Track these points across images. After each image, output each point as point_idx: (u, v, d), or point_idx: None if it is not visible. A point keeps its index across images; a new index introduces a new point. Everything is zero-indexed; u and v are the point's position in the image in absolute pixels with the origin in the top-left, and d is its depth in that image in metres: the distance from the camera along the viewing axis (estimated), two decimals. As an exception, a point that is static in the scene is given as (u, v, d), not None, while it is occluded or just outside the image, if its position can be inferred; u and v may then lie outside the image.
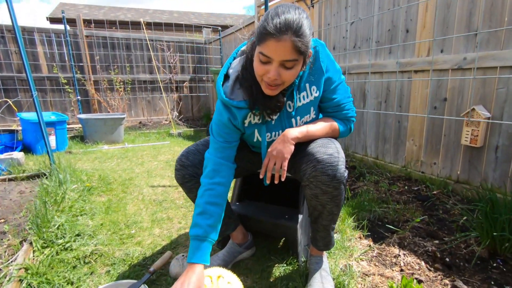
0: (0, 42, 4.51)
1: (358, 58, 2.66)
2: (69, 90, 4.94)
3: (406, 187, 2.09)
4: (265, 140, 1.01)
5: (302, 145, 0.98)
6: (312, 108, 1.02)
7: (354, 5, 2.61)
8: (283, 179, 0.93)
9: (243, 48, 1.02)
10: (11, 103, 3.44)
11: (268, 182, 0.96)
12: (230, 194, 1.62)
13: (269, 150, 0.95)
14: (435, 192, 1.96)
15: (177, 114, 5.76)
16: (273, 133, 1.02)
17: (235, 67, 0.99)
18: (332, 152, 0.90)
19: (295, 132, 0.95)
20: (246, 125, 1.00)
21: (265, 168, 0.95)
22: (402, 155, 2.37)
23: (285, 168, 0.92)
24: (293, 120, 1.00)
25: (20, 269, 1.09)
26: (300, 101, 0.98)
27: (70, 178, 1.98)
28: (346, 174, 0.92)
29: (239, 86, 0.95)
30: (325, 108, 1.05)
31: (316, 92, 0.99)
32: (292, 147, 0.94)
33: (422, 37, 2.09)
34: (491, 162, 1.79)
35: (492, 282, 1.09)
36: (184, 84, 5.95)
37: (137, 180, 2.33)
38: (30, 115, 3.35)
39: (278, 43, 0.76)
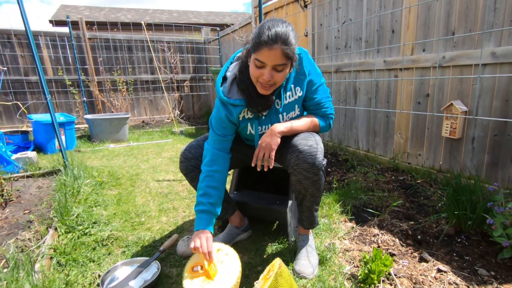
0: (7, 46, 4.69)
1: (349, 57, 2.81)
2: (74, 92, 5.12)
3: (393, 177, 2.26)
4: (257, 132, 1.19)
5: (287, 139, 1.15)
6: (296, 106, 1.19)
7: (344, 6, 2.76)
8: (271, 167, 1.11)
9: (239, 54, 1.20)
10: (22, 107, 3.61)
11: (258, 169, 1.14)
12: (228, 185, 1.80)
13: (259, 142, 1.13)
14: (419, 181, 2.12)
15: (179, 112, 5.93)
16: (264, 126, 1.20)
17: (232, 70, 1.17)
18: (311, 143, 1.08)
19: (281, 127, 1.12)
20: (240, 119, 1.18)
21: (256, 157, 1.13)
22: (390, 148, 2.53)
23: (273, 157, 1.10)
24: (280, 115, 1.19)
25: (50, 249, 1.27)
26: (286, 99, 1.17)
27: (83, 174, 2.16)
28: (324, 162, 1.10)
29: (236, 87, 1.14)
30: (307, 106, 1.22)
31: (300, 92, 1.17)
32: (279, 140, 1.11)
33: (406, 37, 2.25)
34: (468, 152, 1.95)
35: (454, 254, 1.26)
36: (185, 83, 6.12)
37: (144, 175, 2.51)
38: (41, 117, 3.53)
39: (270, 51, 0.95)
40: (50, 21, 8.56)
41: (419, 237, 1.38)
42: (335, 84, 3.03)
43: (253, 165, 1.14)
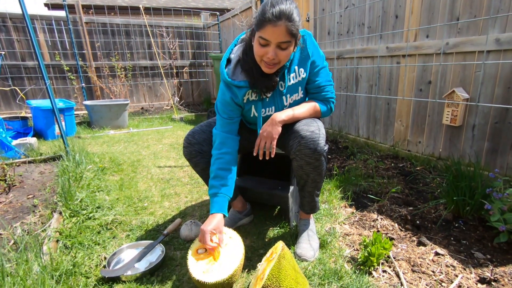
0: (2, 30, 4.59)
1: (351, 43, 2.78)
2: (72, 77, 5.06)
3: (392, 164, 2.28)
4: (260, 115, 1.20)
5: (290, 125, 1.15)
6: (300, 88, 1.20)
7: (347, -9, 2.70)
8: (272, 156, 1.11)
9: (243, 36, 1.20)
10: (20, 93, 3.58)
11: (260, 158, 1.15)
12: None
13: (260, 131, 1.13)
14: (418, 168, 2.15)
15: (178, 99, 5.89)
16: (268, 108, 1.20)
17: (236, 52, 1.17)
18: (313, 129, 1.08)
19: (282, 115, 1.12)
20: (245, 101, 1.19)
21: (258, 146, 1.13)
22: (391, 135, 2.54)
23: (274, 146, 1.11)
24: (283, 97, 1.19)
25: (56, 232, 1.30)
26: (290, 81, 1.17)
27: (85, 160, 2.17)
28: (326, 148, 1.11)
29: (240, 69, 1.14)
30: (308, 89, 1.23)
31: (303, 74, 1.17)
32: (280, 129, 1.12)
33: (410, 22, 2.21)
34: (468, 140, 1.97)
35: (452, 238, 1.29)
36: (184, 70, 6.05)
37: (145, 162, 2.52)
38: (40, 102, 3.51)
39: (275, 27, 0.95)
40: (46, 4, 8.35)
41: (417, 222, 1.41)
42: (336, 71, 3.01)
43: (254, 154, 1.15)
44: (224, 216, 1.14)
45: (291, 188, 1.40)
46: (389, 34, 2.37)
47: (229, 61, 1.18)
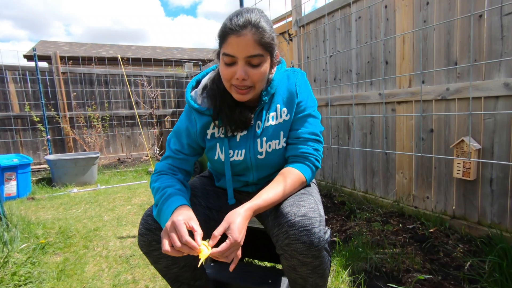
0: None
1: (339, 90, 2.61)
2: (42, 129, 4.68)
3: (400, 225, 1.93)
4: (227, 158, 0.90)
5: None
6: (282, 134, 0.90)
7: (332, 38, 2.62)
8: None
9: None
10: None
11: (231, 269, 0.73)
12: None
13: (237, 235, 0.69)
14: (432, 231, 1.81)
15: (158, 149, 5.54)
16: (236, 151, 0.90)
17: (209, 76, 0.94)
18: (305, 211, 0.74)
19: (250, 209, 0.74)
20: (208, 136, 0.91)
21: (222, 255, 0.69)
22: (392, 189, 2.24)
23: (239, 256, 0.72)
24: (258, 140, 0.89)
25: None
26: (269, 121, 0.89)
27: (21, 235, 1.70)
28: (327, 236, 0.74)
29: (205, 94, 0.90)
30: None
31: (286, 116, 0.89)
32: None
33: (402, 68, 2.06)
34: (487, 196, 1.68)
35: None
36: (166, 119, 5.81)
37: (104, 231, 2.06)
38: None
39: (239, 38, 0.75)
40: (25, 56, 8.26)
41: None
42: (325, 120, 2.80)
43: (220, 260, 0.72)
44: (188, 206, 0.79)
45: (286, 282, 1.01)
46: (381, 80, 2.20)
47: (199, 83, 0.96)
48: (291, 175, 0.84)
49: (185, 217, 0.71)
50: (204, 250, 0.68)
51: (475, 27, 1.64)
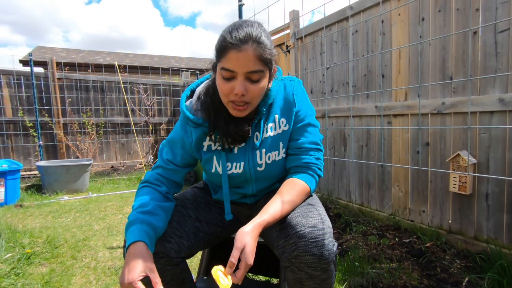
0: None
1: (336, 102, 2.63)
2: (34, 135, 4.60)
3: (396, 239, 1.91)
4: (225, 171, 0.87)
5: None
6: (281, 144, 0.88)
7: (329, 51, 2.65)
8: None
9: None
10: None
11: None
12: (195, 272, 1.36)
13: (239, 244, 0.69)
14: (428, 245, 1.79)
15: (152, 157, 5.48)
16: (235, 164, 0.87)
17: (203, 85, 0.91)
18: (315, 222, 0.72)
19: (258, 226, 0.72)
20: (204, 149, 0.88)
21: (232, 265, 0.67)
22: (388, 202, 2.22)
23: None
24: (257, 152, 0.87)
25: None
26: (267, 132, 0.87)
27: (6, 244, 1.64)
28: (335, 248, 0.73)
29: (199, 107, 0.86)
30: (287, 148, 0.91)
31: (285, 126, 0.88)
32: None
33: (398, 82, 2.08)
34: (483, 211, 1.67)
35: None
36: (161, 127, 5.77)
37: (94, 241, 2.00)
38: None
39: (240, 53, 0.72)
40: (21, 61, 8.21)
41: None
42: (321, 131, 2.80)
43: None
44: (146, 245, 0.71)
45: (282, 298, 0.97)
46: (377, 93, 2.22)
47: (194, 92, 0.93)
48: (296, 186, 0.82)
49: (141, 269, 0.67)
50: (224, 280, 0.66)
51: (470, 43, 1.67)
